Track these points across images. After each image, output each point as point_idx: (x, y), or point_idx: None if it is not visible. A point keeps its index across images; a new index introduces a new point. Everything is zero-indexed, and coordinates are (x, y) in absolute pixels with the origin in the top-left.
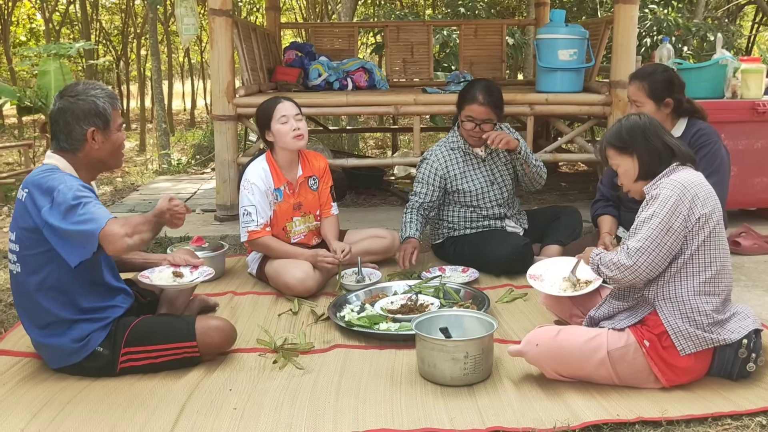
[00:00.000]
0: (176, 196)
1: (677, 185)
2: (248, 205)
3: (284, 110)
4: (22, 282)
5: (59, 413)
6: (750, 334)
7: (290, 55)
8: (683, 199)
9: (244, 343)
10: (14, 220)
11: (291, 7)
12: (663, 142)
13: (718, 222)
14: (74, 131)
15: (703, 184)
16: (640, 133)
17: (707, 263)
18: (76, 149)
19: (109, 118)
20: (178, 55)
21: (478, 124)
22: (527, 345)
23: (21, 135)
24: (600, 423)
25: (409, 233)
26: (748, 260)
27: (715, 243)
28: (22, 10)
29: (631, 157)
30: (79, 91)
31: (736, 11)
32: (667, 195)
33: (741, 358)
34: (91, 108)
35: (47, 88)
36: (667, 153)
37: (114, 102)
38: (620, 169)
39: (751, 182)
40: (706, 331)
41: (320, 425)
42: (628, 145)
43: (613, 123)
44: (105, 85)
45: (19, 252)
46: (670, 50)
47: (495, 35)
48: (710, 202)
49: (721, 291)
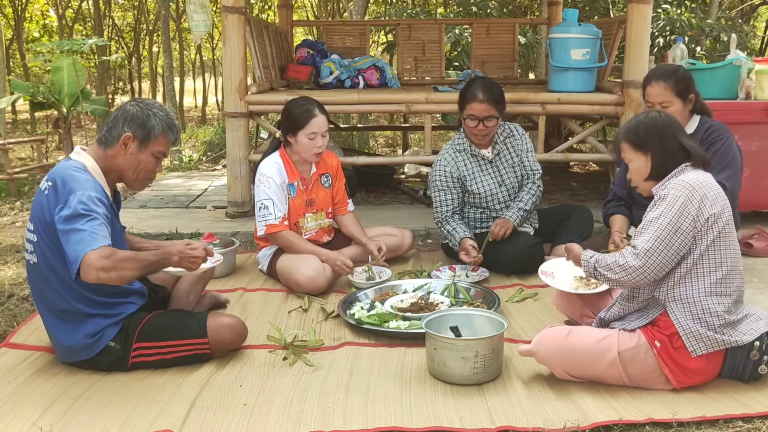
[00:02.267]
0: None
1: (685, 186)
2: (265, 198)
3: (317, 127)
4: (39, 271)
5: (71, 407)
6: (762, 336)
7: (302, 53)
8: (692, 199)
9: (255, 339)
10: (33, 211)
11: (303, 4)
12: (679, 144)
13: (728, 222)
14: (116, 128)
15: (712, 185)
16: (658, 134)
17: (717, 264)
18: (108, 146)
19: (152, 136)
20: (189, 52)
21: (481, 121)
22: (538, 344)
23: (34, 130)
24: (610, 424)
25: (460, 236)
26: (761, 262)
27: (725, 243)
28: (36, 6)
29: (645, 156)
30: (145, 102)
31: (750, 12)
32: (676, 195)
33: (753, 360)
34: (141, 117)
35: (60, 84)
36: (681, 155)
37: (167, 130)
38: (632, 165)
39: (764, 184)
40: (717, 332)
41: (330, 422)
42: (643, 143)
43: (620, 124)
44: (172, 114)
45: (36, 242)
46: (684, 50)
47: (507, 34)
48: (719, 202)
49: (732, 291)
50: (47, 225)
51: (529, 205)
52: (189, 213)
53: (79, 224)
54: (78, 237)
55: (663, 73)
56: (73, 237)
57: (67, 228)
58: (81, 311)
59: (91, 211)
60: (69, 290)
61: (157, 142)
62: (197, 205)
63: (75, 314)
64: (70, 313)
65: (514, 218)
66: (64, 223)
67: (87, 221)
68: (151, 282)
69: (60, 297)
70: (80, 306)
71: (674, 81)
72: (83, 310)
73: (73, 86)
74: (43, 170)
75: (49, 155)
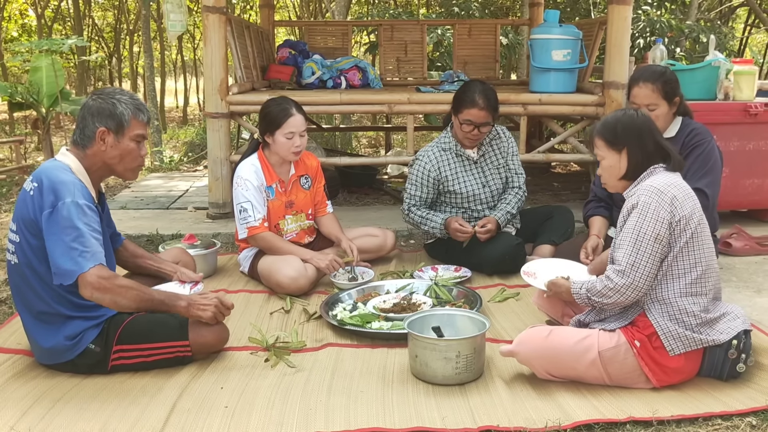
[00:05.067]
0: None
1: (653, 191)
2: (244, 201)
3: (294, 126)
4: (20, 272)
5: (50, 410)
6: (740, 335)
7: (284, 53)
8: (662, 204)
9: (236, 341)
10: (17, 211)
11: (285, 4)
12: (657, 145)
13: (699, 222)
14: (87, 128)
15: (681, 185)
16: (636, 132)
17: (692, 264)
18: (85, 146)
19: (125, 123)
20: (171, 52)
21: (477, 127)
22: (519, 345)
23: (12, 131)
24: (591, 422)
25: (441, 217)
26: (739, 261)
27: (698, 243)
28: (14, 6)
29: (619, 154)
30: (105, 92)
31: (729, 13)
32: (646, 203)
33: (731, 359)
34: (108, 108)
35: (39, 84)
36: (657, 156)
37: (137, 112)
38: (604, 162)
39: (742, 183)
40: (694, 331)
41: (312, 424)
42: (619, 141)
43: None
44: (136, 96)
45: (18, 243)
46: (663, 51)
47: (489, 35)
48: (689, 203)
49: (708, 290)
50: (31, 226)
51: (515, 209)
52: (170, 214)
53: (69, 237)
54: (71, 251)
55: (651, 75)
56: (66, 249)
57: (57, 238)
58: (61, 313)
59: (82, 223)
60: (49, 292)
61: (132, 127)
62: (178, 207)
63: (55, 316)
64: (50, 315)
65: (501, 219)
66: (54, 231)
67: (78, 236)
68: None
69: (40, 298)
70: (60, 308)
71: (662, 83)
72: (63, 312)
73: (52, 86)
74: (22, 171)
75: (28, 156)
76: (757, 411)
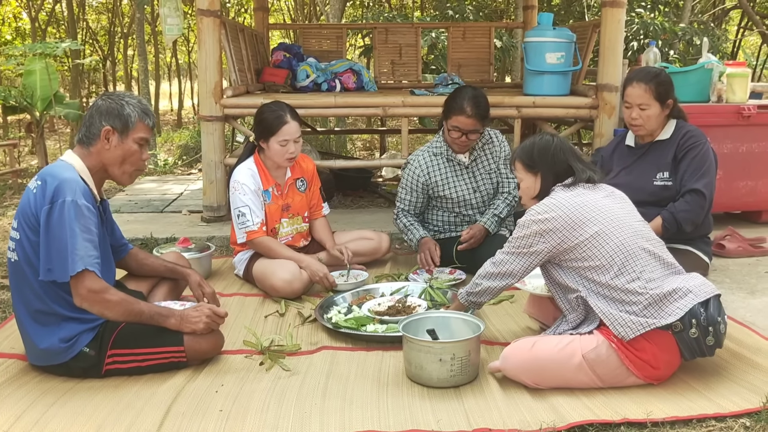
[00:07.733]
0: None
1: (537, 211)
2: (241, 206)
3: (288, 134)
4: (19, 269)
5: (44, 415)
6: (695, 310)
7: (278, 56)
8: (540, 221)
9: (231, 344)
10: (20, 209)
11: (279, 8)
12: (567, 167)
13: (594, 222)
14: (93, 126)
15: (571, 200)
16: (550, 156)
17: (608, 262)
18: (90, 143)
19: (130, 125)
20: (165, 56)
21: (465, 134)
22: (504, 361)
23: (6, 135)
24: (585, 424)
25: (420, 234)
26: (733, 263)
27: (600, 242)
28: (8, 9)
29: (535, 176)
30: (115, 94)
31: (722, 16)
32: (524, 222)
33: (693, 337)
34: (115, 108)
35: (32, 87)
36: (566, 177)
37: (144, 116)
38: (522, 184)
39: (735, 185)
40: (639, 315)
41: (306, 427)
42: (535, 164)
43: (595, 127)
44: (145, 101)
45: (18, 240)
46: (657, 54)
47: (483, 38)
48: (582, 212)
49: (639, 274)
50: (31, 223)
51: (504, 213)
52: (164, 217)
53: (64, 236)
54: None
55: (645, 75)
56: (57, 248)
57: (51, 235)
58: (57, 313)
59: (79, 224)
60: (47, 290)
61: (137, 129)
62: (172, 210)
63: (51, 316)
64: (47, 314)
65: (489, 224)
66: (49, 228)
67: (72, 236)
68: (126, 288)
69: (37, 296)
70: (57, 307)
71: (655, 84)
72: (59, 311)
73: (46, 90)
74: (16, 175)
75: (22, 159)
76: (751, 412)
